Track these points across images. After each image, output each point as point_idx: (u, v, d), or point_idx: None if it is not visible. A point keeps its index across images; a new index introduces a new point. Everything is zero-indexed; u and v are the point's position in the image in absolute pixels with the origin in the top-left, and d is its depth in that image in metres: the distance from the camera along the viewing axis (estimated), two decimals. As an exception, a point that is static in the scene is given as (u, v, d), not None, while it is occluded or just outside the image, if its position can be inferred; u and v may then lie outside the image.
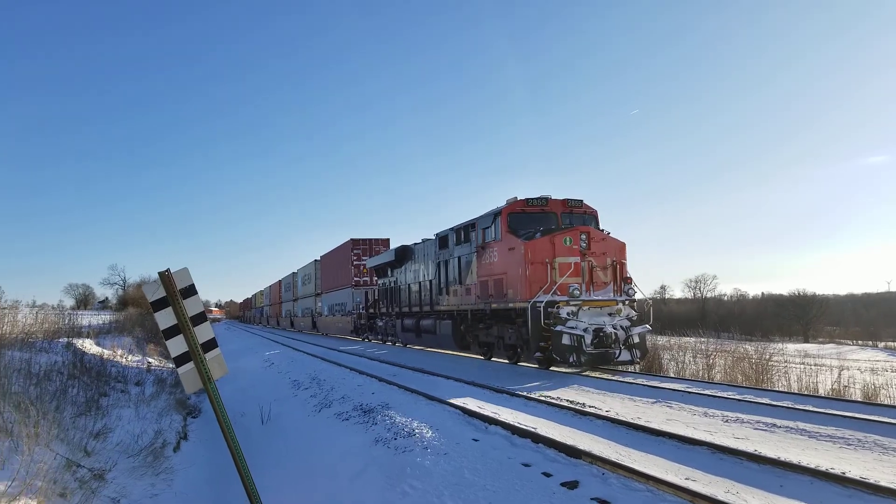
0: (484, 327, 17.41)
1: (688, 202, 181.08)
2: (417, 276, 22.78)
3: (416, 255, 23.15)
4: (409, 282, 23.73)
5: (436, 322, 20.43)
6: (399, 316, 24.79)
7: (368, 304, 30.36)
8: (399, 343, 26.11)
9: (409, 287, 23.63)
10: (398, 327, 25.01)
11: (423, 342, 22.62)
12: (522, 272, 14.64)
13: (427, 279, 21.53)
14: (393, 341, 27.03)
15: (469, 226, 17.84)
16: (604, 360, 13.79)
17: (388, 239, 35.25)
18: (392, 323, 26.13)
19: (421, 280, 22.28)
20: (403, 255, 24.51)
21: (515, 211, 15.73)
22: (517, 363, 16.17)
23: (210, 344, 5.60)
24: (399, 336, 25.24)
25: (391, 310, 26.04)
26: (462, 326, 18.73)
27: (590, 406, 9.58)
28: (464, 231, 18.23)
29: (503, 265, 15.76)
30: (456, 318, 18.96)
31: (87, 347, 15.58)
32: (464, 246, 18.26)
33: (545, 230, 15.17)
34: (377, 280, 29.25)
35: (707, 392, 10.96)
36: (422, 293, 22.05)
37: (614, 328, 13.74)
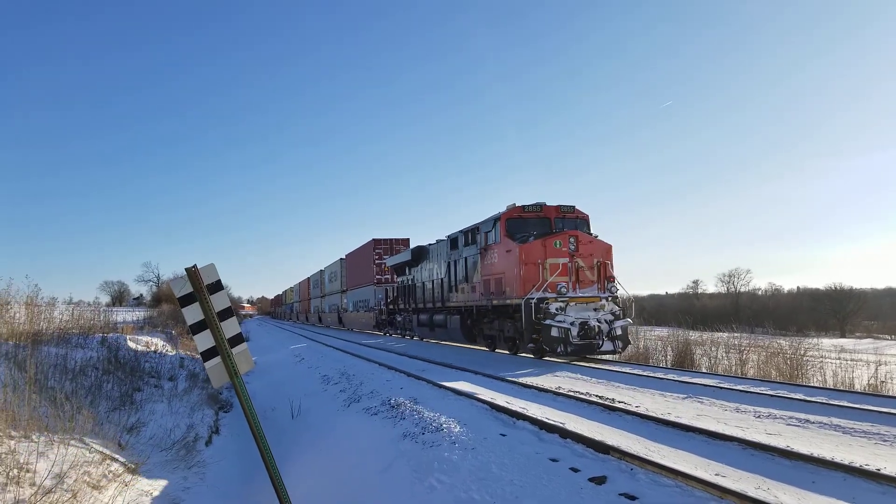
0: (487, 322, 18.76)
1: (722, 194, 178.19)
2: (431, 275, 23.97)
3: (431, 255, 24.38)
4: (424, 280, 24.96)
5: (446, 317, 21.86)
6: (415, 311, 26.24)
7: (388, 301, 31.63)
8: (416, 337, 27.50)
9: (424, 285, 24.92)
10: (414, 322, 26.45)
11: (436, 336, 23.92)
12: (518, 272, 16.04)
13: (439, 277, 22.80)
14: (410, 335, 28.32)
15: (475, 229, 19.14)
16: (588, 350, 15.11)
17: (408, 238, 36.35)
18: (409, 318, 27.52)
19: (434, 278, 23.50)
20: (419, 255, 25.78)
21: (513, 216, 17.12)
22: (516, 353, 17.52)
23: (237, 339, 5.65)
24: (415, 330, 26.65)
25: (408, 306, 27.46)
26: (469, 321, 20.23)
27: (619, 401, 9.50)
28: (471, 233, 19.57)
29: (502, 265, 17.21)
30: (463, 314, 20.38)
31: (122, 343, 15.86)
32: (470, 247, 19.59)
33: (539, 234, 16.46)
34: (396, 278, 30.38)
35: (739, 387, 10.81)
36: (434, 290, 23.38)
37: (598, 322, 15.14)
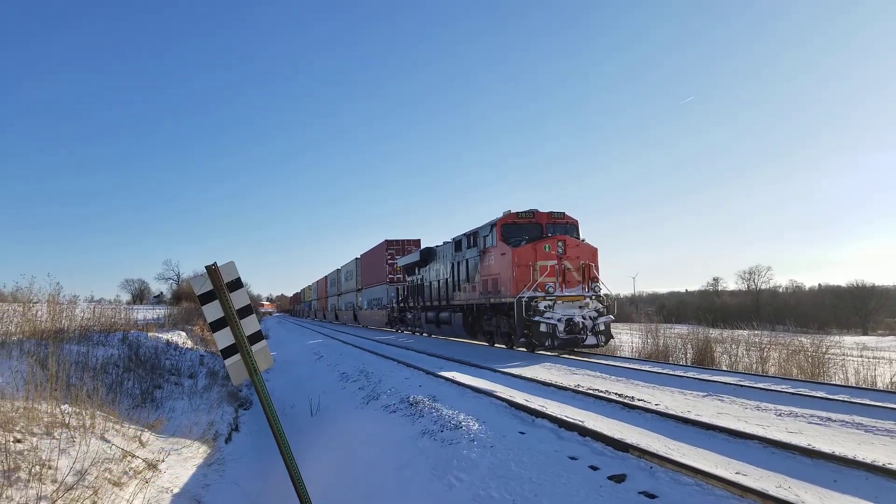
0: (486, 319, 20.21)
1: (742, 191, 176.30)
2: (438, 275, 25.35)
3: (438, 256, 25.82)
4: (432, 280, 26.32)
5: (451, 314, 23.47)
6: (423, 309, 27.80)
7: (399, 299, 33.32)
8: (425, 333, 29.08)
9: (431, 284, 26.30)
10: (422, 319, 28.03)
11: (442, 332, 25.52)
12: (511, 273, 17.49)
13: (445, 277, 24.26)
14: (419, 332, 29.93)
15: (475, 233, 20.59)
16: (573, 344, 16.62)
17: (419, 239, 38.01)
18: (418, 315, 29.08)
19: (440, 278, 24.92)
20: (427, 256, 27.21)
21: (507, 222, 18.53)
22: (511, 347, 18.96)
23: (256, 336, 5.67)
24: (423, 327, 28.22)
25: (417, 304, 29.10)
26: (470, 318, 21.76)
27: (639, 399, 9.45)
28: (472, 237, 20.98)
29: (498, 267, 18.65)
30: (465, 311, 21.98)
31: (142, 341, 16.02)
32: (472, 249, 21.01)
33: (530, 238, 18.01)
34: (407, 277, 31.74)
35: (760, 385, 10.74)
36: (440, 289, 24.85)
37: (583, 318, 16.64)
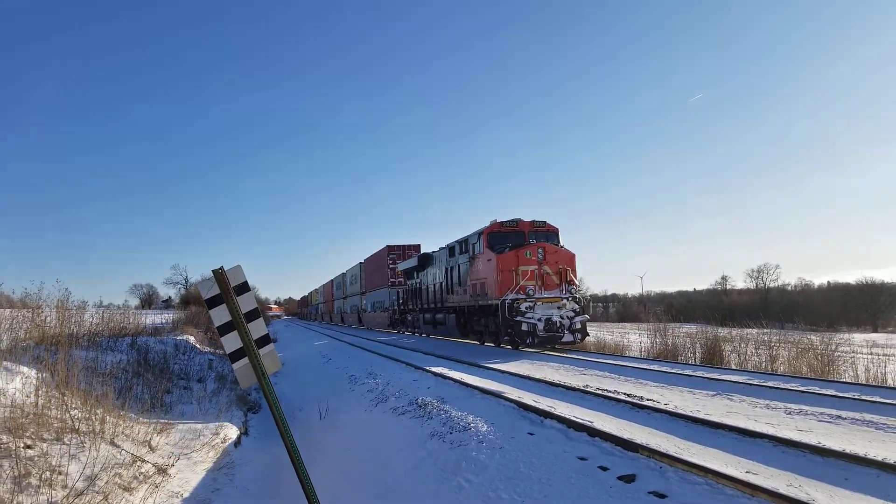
0: (476, 319, 21.93)
1: (751, 190, 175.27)
2: (434, 279, 26.96)
3: (434, 261, 27.35)
4: (429, 283, 27.95)
5: (445, 316, 25.21)
6: (421, 311, 29.60)
7: (400, 302, 35.33)
8: (423, 334, 30.69)
9: (429, 287, 27.93)
10: (420, 320, 29.79)
11: (438, 332, 27.22)
12: (496, 277, 19.17)
13: (440, 281, 25.86)
14: (418, 333, 31.77)
15: (466, 240, 22.27)
16: (552, 341, 18.26)
17: (419, 244, 39.39)
18: (417, 317, 30.94)
19: (436, 282, 26.51)
20: (425, 261, 28.92)
21: (493, 231, 20.22)
22: (498, 345, 20.64)
23: (264, 339, 5.67)
24: (421, 328, 29.99)
25: (415, 306, 31.03)
26: (462, 319, 23.50)
27: (647, 399, 9.41)
28: (463, 244, 22.59)
29: (485, 272, 20.30)
30: (458, 313, 23.71)
31: (151, 346, 16.08)
32: (463, 255, 22.65)
33: (513, 245, 19.61)
34: (407, 281, 33.43)
35: (769, 384, 10.69)
36: (436, 292, 26.48)
37: (560, 318, 18.31)
